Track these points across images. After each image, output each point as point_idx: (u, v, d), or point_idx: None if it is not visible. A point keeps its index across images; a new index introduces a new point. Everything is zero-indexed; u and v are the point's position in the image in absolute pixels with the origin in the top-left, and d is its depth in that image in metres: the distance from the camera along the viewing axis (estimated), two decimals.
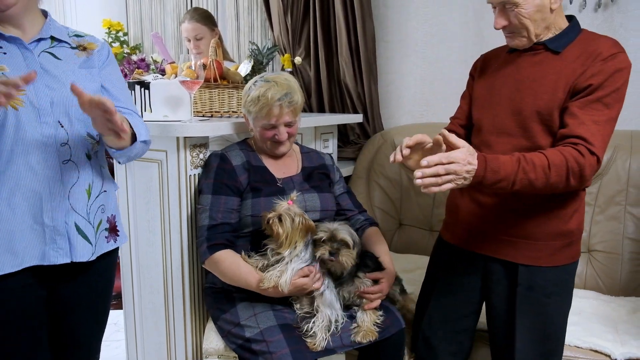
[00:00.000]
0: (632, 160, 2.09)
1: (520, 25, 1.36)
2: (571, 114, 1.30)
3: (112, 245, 1.41)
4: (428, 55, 2.71)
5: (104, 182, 1.38)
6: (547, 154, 1.25)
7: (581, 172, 1.25)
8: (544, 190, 1.27)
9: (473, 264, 1.53)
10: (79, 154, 1.29)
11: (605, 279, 2.06)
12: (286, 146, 1.69)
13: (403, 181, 2.55)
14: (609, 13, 2.26)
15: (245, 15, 3.20)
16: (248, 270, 1.50)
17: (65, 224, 1.26)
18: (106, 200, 1.38)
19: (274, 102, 1.58)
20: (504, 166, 1.22)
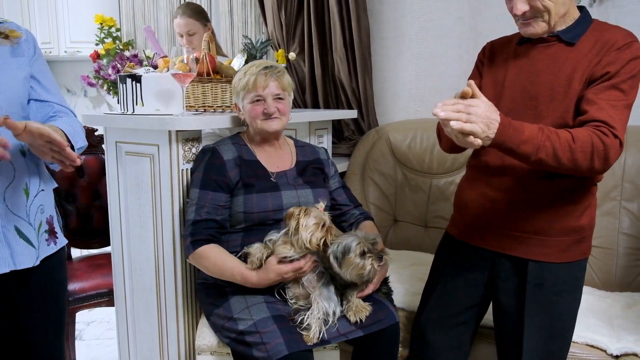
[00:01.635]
0: (627, 155, 2.08)
1: (543, 8, 1.31)
2: (589, 101, 1.28)
3: (53, 248, 1.32)
4: (423, 51, 2.70)
5: (41, 180, 1.29)
6: (570, 130, 1.23)
7: (606, 152, 1.22)
8: (568, 166, 1.22)
9: (481, 260, 1.51)
10: (14, 150, 1.17)
11: (600, 275, 2.05)
12: (277, 123, 1.65)
13: (398, 177, 2.54)
14: (604, 8, 2.25)
15: (239, 10, 3.18)
16: (234, 265, 1.48)
17: (3, 229, 1.16)
18: (44, 200, 1.30)
19: (258, 72, 1.61)
20: (528, 128, 1.19)
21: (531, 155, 1.21)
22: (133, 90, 1.72)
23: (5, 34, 1.26)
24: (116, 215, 1.84)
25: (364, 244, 1.45)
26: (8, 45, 1.24)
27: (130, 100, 1.73)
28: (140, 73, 1.74)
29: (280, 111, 1.63)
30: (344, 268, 1.46)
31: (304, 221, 1.40)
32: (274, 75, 1.61)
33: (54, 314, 1.36)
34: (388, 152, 2.57)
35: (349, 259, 1.45)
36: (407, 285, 2.00)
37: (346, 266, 1.45)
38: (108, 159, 1.83)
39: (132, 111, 1.74)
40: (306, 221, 1.41)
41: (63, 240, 1.39)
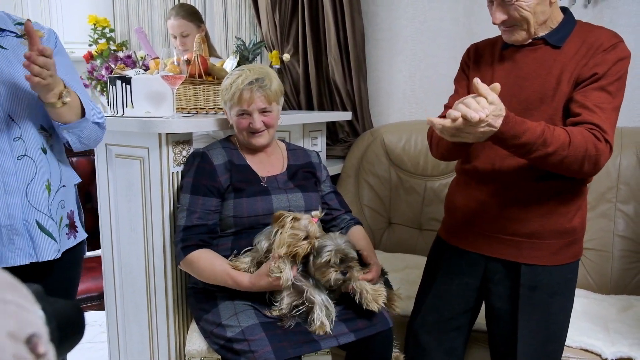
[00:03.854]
0: (622, 157, 2.07)
1: (520, 18, 1.32)
2: (579, 104, 1.28)
3: (73, 241, 1.37)
4: (418, 52, 2.68)
5: (63, 176, 1.33)
6: (568, 130, 1.23)
7: (597, 158, 1.23)
8: (559, 167, 1.24)
9: (473, 264, 1.50)
10: (34, 149, 1.23)
11: (596, 277, 2.04)
12: (264, 137, 1.64)
13: (392, 179, 2.52)
14: (598, 9, 2.24)
15: (233, 11, 3.15)
16: (223, 269, 1.46)
17: (25, 223, 1.20)
18: (66, 195, 1.34)
19: (244, 86, 1.56)
20: (528, 133, 1.19)
21: (526, 154, 1.22)
22: (123, 92, 1.70)
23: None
24: (106, 218, 1.82)
25: (333, 256, 1.43)
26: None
27: (120, 102, 1.71)
28: (130, 75, 1.72)
29: (267, 124, 1.61)
30: (313, 268, 1.45)
31: (284, 230, 1.39)
32: (260, 90, 1.57)
33: None
34: (383, 154, 2.56)
35: (317, 262, 1.44)
36: (402, 289, 1.98)
37: (314, 267, 1.45)
38: (98, 161, 1.81)
39: (122, 113, 1.72)
40: (286, 231, 1.39)
41: (83, 234, 1.43)
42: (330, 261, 1.42)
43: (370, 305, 1.43)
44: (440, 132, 1.19)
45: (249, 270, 1.46)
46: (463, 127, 1.13)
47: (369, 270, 1.52)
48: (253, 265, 1.46)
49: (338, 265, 1.43)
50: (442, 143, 1.41)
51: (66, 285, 1.38)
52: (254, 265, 1.46)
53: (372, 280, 1.51)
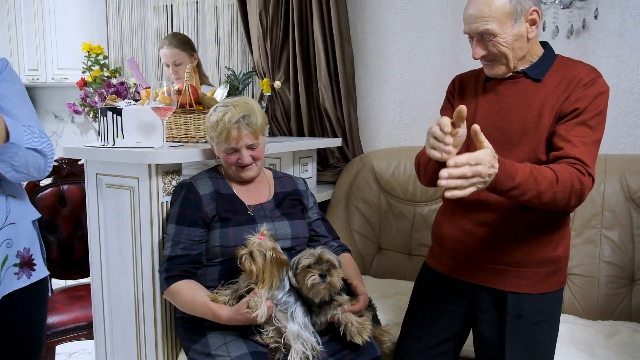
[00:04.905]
0: (607, 184, 2.11)
1: (499, 53, 1.37)
2: (562, 138, 1.32)
3: (25, 281, 1.29)
4: (406, 80, 2.74)
5: (11, 213, 1.27)
6: (554, 169, 1.26)
7: (582, 191, 1.27)
8: (548, 205, 1.27)
9: (460, 291, 1.52)
10: None
11: (583, 303, 2.05)
12: (253, 170, 1.67)
13: (382, 205, 2.55)
14: (581, 40, 2.30)
15: (226, 40, 3.21)
16: (203, 301, 1.47)
17: None
18: (14, 234, 1.27)
19: (231, 125, 1.58)
20: (519, 173, 1.20)
21: (516, 198, 1.24)
22: (114, 123, 1.73)
23: None
24: (96, 247, 1.83)
25: (308, 257, 1.46)
26: None
27: (111, 132, 1.73)
28: (122, 106, 1.74)
29: (254, 158, 1.64)
30: (299, 281, 1.47)
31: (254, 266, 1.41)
32: (247, 127, 1.59)
33: (24, 352, 1.33)
34: (372, 180, 2.58)
35: (298, 273, 1.46)
36: (391, 315, 1.99)
37: (299, 280, 1.47)
38: (88, 190, 1.83)
39: (112, 144, 1.74)
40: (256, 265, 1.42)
41: (42, 272, 1.35)
42: (310, 265, 1.45)
43: (355, 339, 1.45)
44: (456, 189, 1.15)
45: (228, 303, 1.46)
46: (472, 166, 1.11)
47: (356, 302, 1.53)
48: (233, 299, 1.47)
49: (316, 267, 1.44)
50: (429, 169, 1.44)
51: (21, 327, 1.31)
52: (234, 299, 1.47)
53: (359, 311, 1.52)
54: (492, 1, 1.32)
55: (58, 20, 3.59)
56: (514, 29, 1.35)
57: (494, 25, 1.33)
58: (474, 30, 1.37)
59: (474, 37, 1.39)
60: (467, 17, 1.38)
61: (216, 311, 1.44)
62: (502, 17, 1.33)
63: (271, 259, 1.42)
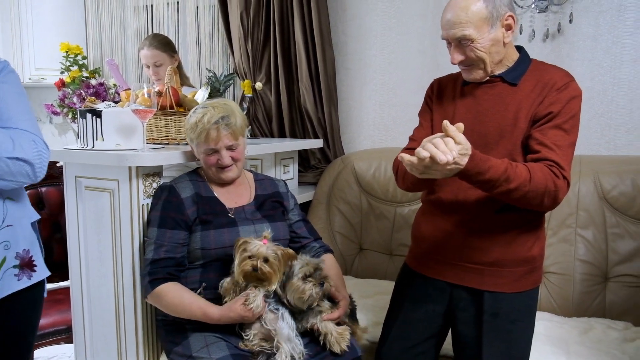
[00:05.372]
0: (581, 184, 2.16)
1: (477, 58, 1.40)
2: (538, 141, 1.36)
3: (26, 282, 1.31)
4: (386, 82, 2.76)
5: (8, 215, 1.28)
6: (530, 167, 1.30)
7: (556, 193, 1.31)
8: (521, 202, 1.31)
9: (439, 291, 1.55)
10: None
11: (558, 300, 2.10)
12: (233, 172, 1.67)
13: (363, 206, 2.57)
14: (556, 43, 2.35)
15: (207, 40, 3.20)
16: (191, 301, 1.48)
17: None
18: (12, 236, 1.29)
19: (210, 126, 1.59)
20: (492, 170, 1.25)
21: (490, 189, 1.29)
22: (93, 125, 1.71)
23: None
24: (75, 250, 1.82)
25: (306, 268, 1.48)
26: None
27: (91, 135, 1.72)
28: (101, 108, 1.73)
29: (234, 159, 1.65)
30: (287, 292, 1.49)
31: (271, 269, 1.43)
32: (226, 128, 1.59)
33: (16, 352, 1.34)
34: (353, 181, 2.61)
35: (292, 283, 1.48)
36: (371, 314, 2.02)
37: (289, 290, 1.48)
38: (67, 193, 1.81)
39: (92, 146, 1.73)
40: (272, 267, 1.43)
41: (43, 273, 1.36)
42: (307, 275, 1.47)
43: (333, 348, 1.48)
44: (410, 170, 1.25)
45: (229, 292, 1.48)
46: (431, 165, 1.18)
47: (336, 309, 1.56)
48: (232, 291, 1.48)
49: (313, 277, 1.47)
50: (407, 176, 1.47)
51: (16, 327, 1.32)
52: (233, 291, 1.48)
53: (338, 318, 1.55)
54: (469, 7, 1.35)
55: (35, 20, 3.54)
56: (490, 34, 1.38)
57: (471, 30, 1.36)
58: (451, 36, 1.40)
59: (452, 42, 1.41)
60: (444, 23, 1.40)
61: (207, 309, 1.45)
62: (478, 23, 1.36)
63: (282, 257, 1.46)
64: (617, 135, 2.28)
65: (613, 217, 2.10)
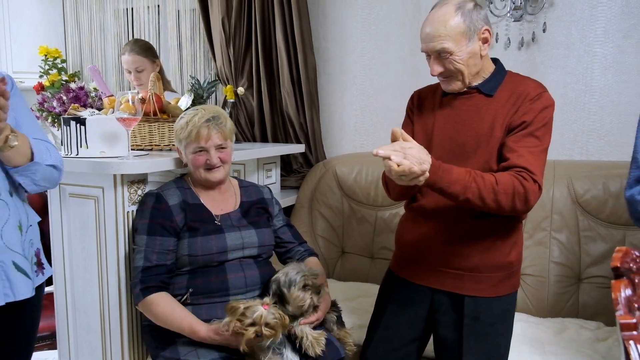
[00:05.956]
0: (555, 188, 2.23)
1: (455, 70, 1.45)
2: (509, 149, 1.41)
3: (41, 278, 1.40)
4: (367, 87, 2.81)
5: (29, 215, 1.37)
6: (495, 174, 1.37)
7: (526, 195, 1.36)
8: (492, 206, 1.36)
9: (421, 295, 1.59)
10: (4, 192, 1.28)
11: (534, 301, 2.17)
12: (220, 172, 1.69)
13: (345, 210, 2.61)
14: (530, 52, 2.43)
15: (188, 45, 3.21)
16: (183, 315, 1.50)
17: (2, 264, 1.24)
18: (33, 235, 1.38)
19: (201, 124, 1.63)
20: (456, 170, 1.32)
21: (459, 195, 1.34)
22: (77, 133, 1.72)
23: None
24: (59, 256, 1.82)
25: (307, 278, 1.53)
26: None
27: (75, 142, 1.73)
28: (85, 115, 1.74)
29: (222, 160, 1.67)
30: (288, 301, 1.52)
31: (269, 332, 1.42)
32: (216, 127, 1.64)
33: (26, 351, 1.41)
34: (335, 185, 2.65)
35: (292, 293, 1.52)
36: (354, 317, 2.06)
37: (289, 299, 1.52)
38: (51, 200, 1.81)
39: (76, 153, 1.73)
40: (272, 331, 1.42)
41: (49, 270, 1.45)
42: (307, 284, 1.53)
43: (308, 351, 1.50)
44: (388, 174, 1.30)
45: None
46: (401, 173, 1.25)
47: (314, 313, 1.58)
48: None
49: (311, 286, 1.53)
50: (392, 185, 1.53)
51: (34, 322, 1.41)
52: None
53: (315, 321, 1.58)
54: (447, 21, 1.40)
55: (13, 22, 3.49)
56: (468, 47, 1.43)
57: (450, 44, 1.41)
58: (431, 49, 1.44)
59: (431, 55, 1.46)
60: (424, 37, 1.45)
61: (195, 326, 1.47)
62: (457, 36, 1.41)
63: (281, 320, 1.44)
64: (590, 141, 2.37)
65: (585, 220, 2.18)
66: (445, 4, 1.44)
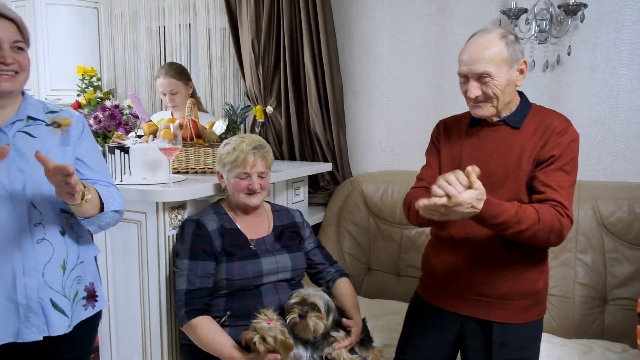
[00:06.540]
0: (580, 209, 2.26)
1: (492, 95, 1.50)
2: (542, 183, 1.47)
3: (91, 311, 1.45)
4: (392, 106, 2.87)
5: (81, 253, 1.42)
6: (538, 209, 1.41)
7: (561, 231, 1.42)
8: (529, 240, 1.42)
9: (450, 321, 1.64)
10: (53, 232, 1.33)
11: (559, 322, 2.20)
12: (258, 198, 1.79)
13: (371, 227, 2.68)
14: (555, 74, 2.46)
15: (218, 64, 3.31)
16: (224, 342, 1.58)
17: (40, 301, 1.29)
18: (83, 271, 1.42)
19: (248, 151, 1.73)
20: (504, 214, 1.36)
21: (500, 233, 1.40)
22: (122, 161, 1.82)
23: (57, 123, 1.38)
24: (103, 277, 1.91)
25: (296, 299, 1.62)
26: (59, 134, 1.37)
27: (119, 170, 1.83)
28: (128, 144, 1.84)
29: (262, 187, 1.77)
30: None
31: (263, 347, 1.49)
32: (261, 155, 1.76)
33: None
34: (362, 203, 2.71)
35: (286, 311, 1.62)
36: (382, 336, 2.11)
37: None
38: None
39: (120, 180, 1.83)
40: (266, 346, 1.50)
41: (103, 303, 1.50)
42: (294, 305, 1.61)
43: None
44: (430, 215, 1.34)
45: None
46: (449, 204, 1.29)
47: (348, 337, 1.66)
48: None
49: (298, 307, 1.60)
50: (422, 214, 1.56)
51: (78, 355, 1.46)
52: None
53: (350, 345, 1.66)
54: (492, 47, 1.46)
55: (51, 41, 3.63)
56: (507, 75, 1.49)
57: (492, 68, 1.46)
58: (473, 71, 1.48)
59: (471, 77, 1.50)
60: (465, 59, 1.50)
61: (233, 353, 1.55)
62: (499, 62, 1.47)
63: (281, 342, 1.50)
64: (615, 162, 2.39)
65: (611, 242, 2.20)
66: (489, 32, 1.51)
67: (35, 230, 1.29)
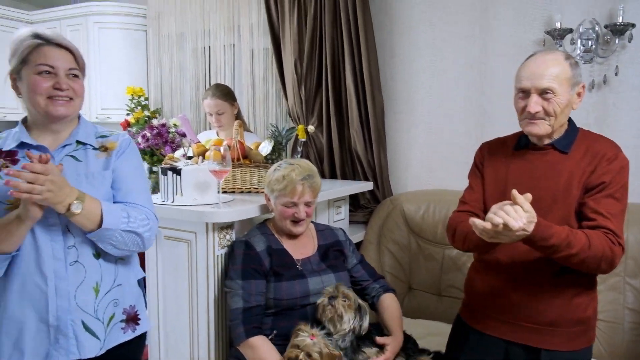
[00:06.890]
0: (630, 232, 2.21)
1: (552, 112, 1.49)
2: (593, 210, 1.46)
3: (130, 335, 1.45)
4: (433, 126, 2.88)
5: (119, 276, 1.42)
6: (588, 235, 1.41)
7: (612, 259, 1.42)
8: (578, 266, 1.42)
9: (494, 346, 1.62)
10: (86, 255, 1.34)
11: (607, 347, 2.15)
12: (303, 226, 1.83)
13: (412, 246, 2.68)
14: (602, 93, 2.43)
15: (261, 84, 3.40)
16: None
17: (71, 323, 1.31)
18: (121, 294, 1.42)
19: (297, 181, 1.76)
20: (555, 236, 1.36)
21: (552, 254, 1.40)
22: (174, 182, 1.90)
23: (105, 147, 1.41)
24: (154, 294, 1.99)
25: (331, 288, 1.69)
26: (103, 158, 1.40)
27: (171, 190, 1.91)
28: (180, 166, 1.92)
29: (307, 214, 1.81)
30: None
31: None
32: (310, 185, 1.79)
33: None
34: (402, 222, 2.72)
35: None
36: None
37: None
38: None
39: (172, 200, 1.91)
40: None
41: (146, 326, 1.50)
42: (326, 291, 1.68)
43: None
44: (480, 234, 1.37)
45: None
46: (502, 231, 1.31)
47: (382, 354, 1.68)
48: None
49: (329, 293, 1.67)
50: (470, 237, 1.55)
51: None
52: None
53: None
54: (559, 65, 1.48)
55: (102, 64, 3.82)
56: (568, 95, 1.50)
57: (556, 84, 1.47)
58: (537, 86, 1.48)
59: (534, 92, 1.50)
60: (529, 74, 1.50)
61: None
62: (563, 80, 1.48)
63: (327, 355, 1.53)
64: None
65: None
66: (553, 52, 1.53)
67: (68, 253, 1.32)
